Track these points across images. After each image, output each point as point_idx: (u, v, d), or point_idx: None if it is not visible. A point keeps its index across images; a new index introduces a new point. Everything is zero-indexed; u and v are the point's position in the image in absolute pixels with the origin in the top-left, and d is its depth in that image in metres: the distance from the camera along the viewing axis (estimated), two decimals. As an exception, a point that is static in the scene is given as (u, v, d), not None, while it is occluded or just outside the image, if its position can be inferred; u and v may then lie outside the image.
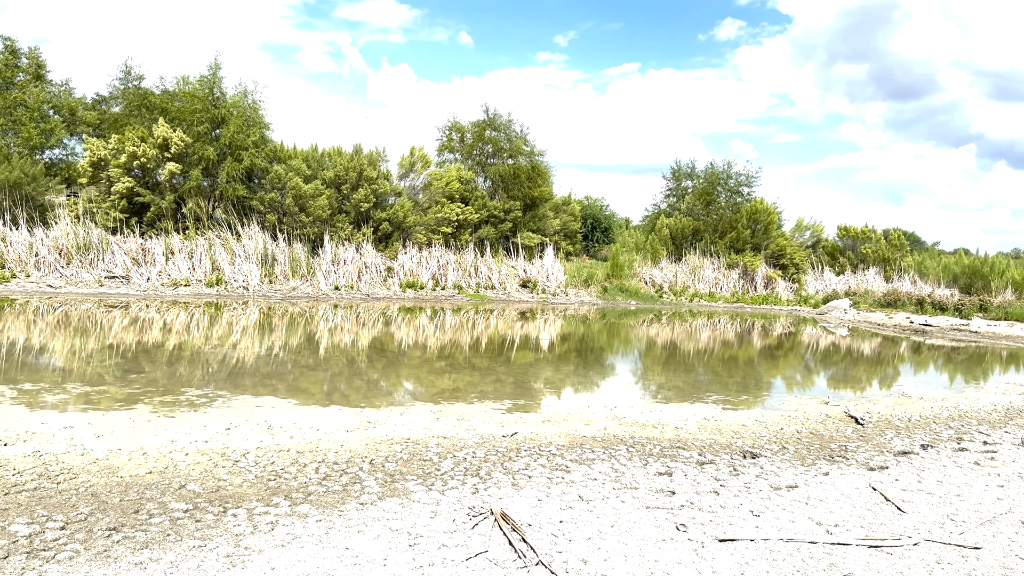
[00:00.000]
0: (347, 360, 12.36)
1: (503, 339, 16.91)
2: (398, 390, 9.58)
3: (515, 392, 9.83)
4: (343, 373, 10.87)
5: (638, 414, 8.54)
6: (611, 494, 5.43)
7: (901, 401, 10.50)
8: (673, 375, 12.60)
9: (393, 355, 13.29)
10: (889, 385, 12.68)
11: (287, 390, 9.08)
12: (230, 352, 12.28)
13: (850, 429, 8.31)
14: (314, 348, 13.58)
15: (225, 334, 14.66)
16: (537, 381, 10.97)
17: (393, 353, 13.54)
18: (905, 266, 35.63)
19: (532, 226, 33.53)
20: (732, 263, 35.41)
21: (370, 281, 27.64)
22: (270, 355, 12.18)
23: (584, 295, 31.62)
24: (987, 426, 8.82)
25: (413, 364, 12.37)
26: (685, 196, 38.06)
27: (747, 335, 21.35)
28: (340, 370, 11.16)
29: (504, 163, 33.09)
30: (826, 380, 12.99)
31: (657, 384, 11.49)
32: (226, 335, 14.51)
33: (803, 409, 9.47)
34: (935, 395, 11.21)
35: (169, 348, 12.27)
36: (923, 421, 8.95)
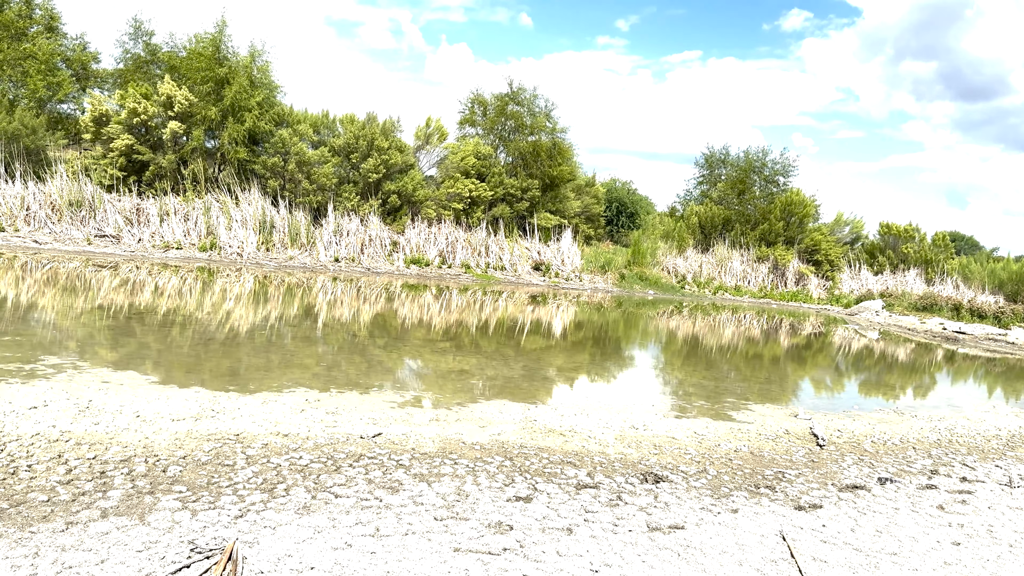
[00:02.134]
0: (274, 337, 11.31)
1: (478, 323, 15.72)
2: (297, 374, 8.47)
3: (431, 383, 8.65)
4: (256, 351, 9.81)
5: (557, 418, 7.28)
6: (424, 526, 4.22)
7: (889, 419, 9.01)
8: (643, 373, 11.28)
9: (339, 334, 12.20)
10: (888, 398, 11.15)
11: (159, 367, 8.03)
12: (152, 319, 11.34)
13: (803, 451, 6.92)
14: (255, 322, 12.57)
15: (174, 301, 13.76)
16: (472, 373, 9.76)
17: (340, 331, 12.46)
18: (948, 269, 33.30)
19: (551, 207, 32.15)
20: (762, 256, 33.54)
21: (373, 255, 26.67)
22: (190, 326, 11.20)
23: (599, 281, 30.20)
24: (977, 456, 7.33)
25: (347, 344, 11.25)
26: (717, 184, 36.17)
27: (760, 333, 19.77)
28: (256, 348, 10.10)
29: (525, 139, 31.70)
30: (816, 389, 11.50)
31: (614, 383, 10.18)
32: (174, 302, 13.60)
33: (763, 422, 8.08)
34: (933, 413, 9.67)
35: (88, 312, 11.37)
36: (901, 446, 7.50)
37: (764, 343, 17.22)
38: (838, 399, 10.44)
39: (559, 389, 9.26)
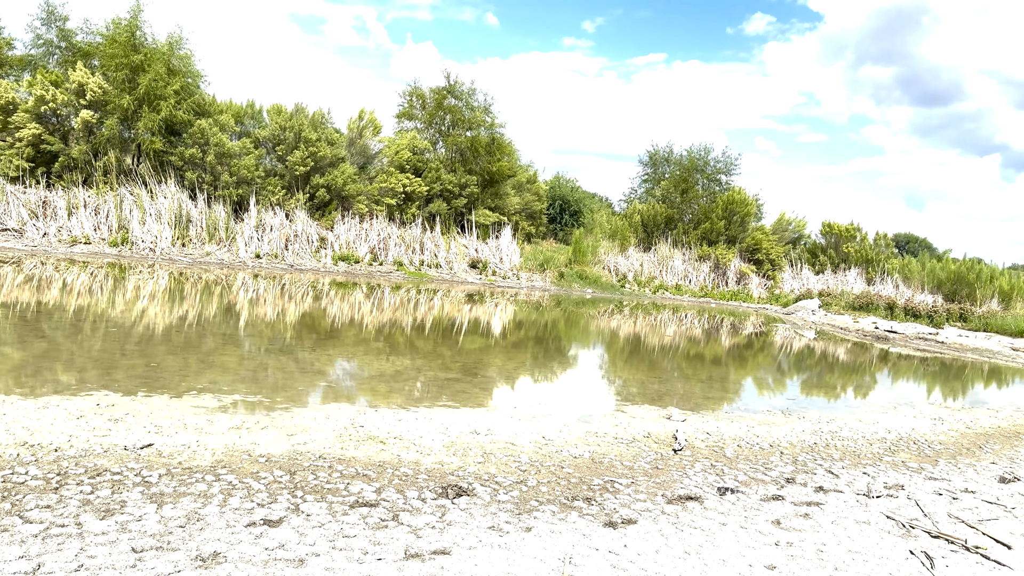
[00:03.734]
0: (139, 338, 10.42)
1: (389, 321, 14.95)
2: (120, 376, 7.63)
3: (274, 387, 7.87)
4: (105, 353, 8.92)
5: (392, 423, 6.55)
6: (109, 560, 3.45)
7: (773, 420, 8.45)
8: (538, 373, 10.60)
9: (215, 333, 11.33)
10: (785, 398, 10.62)
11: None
12: (10, 315, 10.38)
13: (653, 457, 6.28)
14: (127, 320, 11.64)
15: (48, 296, 12.76)
16: (335, 373, 8.99)
17: (218, 330, 11.58)
18: (889, 268, 33.33)
19: (490, 204, 31.45)
20: (703, 255, 33.24)
21: (299, 251, 25.70)
22: (45, 322, 10.27)
23: (538, 280, 29.58)
24: (849, 462, 6.76)
25: (220, 343, 10.40)
26: (661, 183, 35.81)
27: (686, 333, 19.28)
28: (107, 349, 9.21)
29: (463, 134, 30.96)
30: (713, 390, 10.93)
31: (498, 384, 9.46)
32: (49, 297, 12.60)
33: (628, 425, 7.45)
34: (824, 415, 9.14)
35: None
36: (768, 450, 6.91)
37: (685, 344, 16.71)
38: (731, 400, 9.87)
39: (427, 388, 8.54)
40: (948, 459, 7.30)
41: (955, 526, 5.19)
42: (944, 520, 5.31)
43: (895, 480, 6.28)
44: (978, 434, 8.81)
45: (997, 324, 26.23)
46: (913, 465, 6.91)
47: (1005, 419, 10.08)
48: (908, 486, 6.11)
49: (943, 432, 8.69)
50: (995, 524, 5.31)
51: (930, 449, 7.69)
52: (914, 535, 4.91)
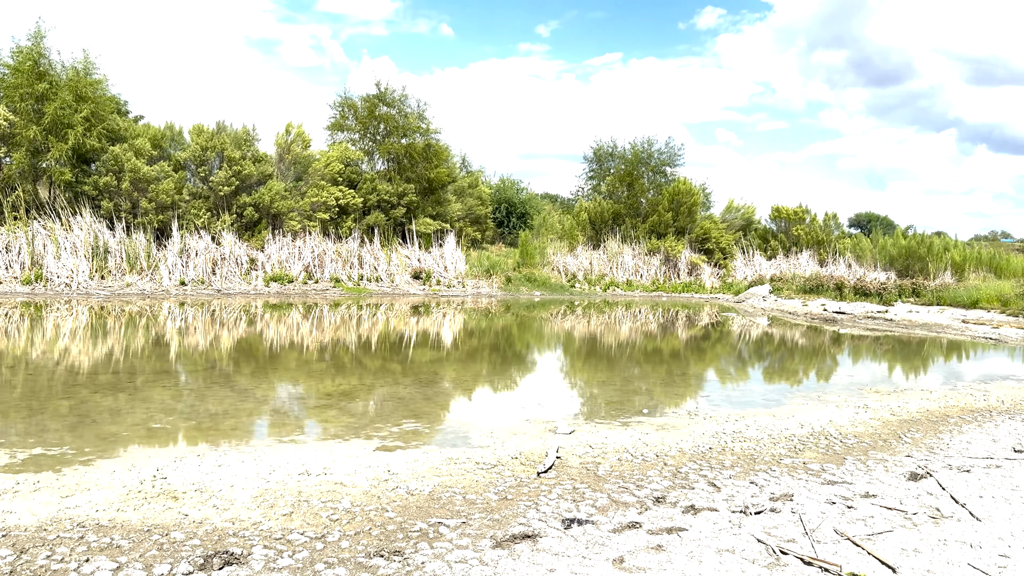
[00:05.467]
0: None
1: (285, 344, 13.99)
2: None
3: (103, 430, 6.91)
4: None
5: (208, 469, 5.63)
6: None
7: (674, 423, 7.64)
8: (427, 391, 9.68)
9: (73, 373, 10.30)
10: (699, 396, 9.84)
11: None
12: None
13: (507, 484, 5.43)
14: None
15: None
16: (181, 411, 8.05)
17: (74, 371, 10.55)
18: (840, 248, 32.94)
19: (431, 211, 30.56)
20: (653, 249, 32.63)
21: (227, 275, 24.59)
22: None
23: (484, 286, 28.74)
24: (740, 469, 5.96)
25: (42, 391, 9.38)
26: (606, 178, 35.18)
27: (626, 330, 18.51)
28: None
29: (398, 142, 30.04)
30: (623, 393, 10.12)
31: (363, 411, 8.54)
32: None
33: (499, 446, 6.59)
34: (735, 413, 8.35)
35: None
36: (651, 463, 6.09)
37: (620, 344, 15.93)
38: (639, 403, 9.05)
39: (285, 421, 7.61)
40: (858, 456, 6.53)
41: (837, 546, 4.38)
42: (828, 538, 4.51)
43: (786, 489, 5.48)
44: (903, 421, 8.08)
45: (950, 297, 25.85)
46: (815, 467, 6.12)
47: (937, 400, 9.38)
48: (799, 495, 5.30)
49: (863, 422, 7.94)
50: (887, 539, 4.51)
51: (841, 445, 6.91)
52: (783, 563, 4.10)
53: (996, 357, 14.78)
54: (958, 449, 6.85)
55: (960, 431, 7.62)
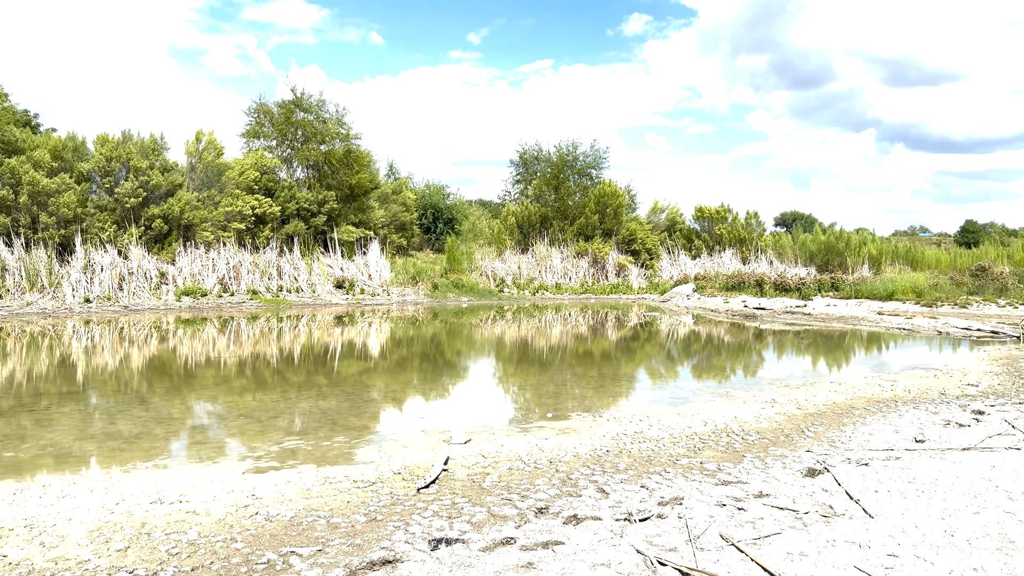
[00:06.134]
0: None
1: (183, 361, 13.23)
2: None
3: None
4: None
5: (49, 500, 5.05)
6: None
7: (576, 427, 7.32)
8: (327, 407, 9.14)
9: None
10: (604, 398, 9.58)
11: None
12: None
13: (381, 503, 4.99)
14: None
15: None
16: (49, 437, 7.36)
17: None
18: (762, 245, 33.51)
19: (354, 219, 29.84)
20: (581, 251, 32.59)
21: (136, 290, 23.42)
22: None
23: (410, 294, 28.17)
24: (633, 472, 5.66)
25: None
26: (533, 182, 35.03)
27: (555, 332, 18.24)
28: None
29: (317, 148, 29.24)
30: (535, 398, 9.78)
31: (255, 430, 7.97)
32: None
33: (384, 460, 6.16)
34: (640, 411, 8.10)
35: None
36: (545, 468, 5.74)
37: (541, 348, 15.64)
38: (544, 408, 8.71)
39: (161, 444, 7.01)
40: (757, 453, 6.32)
41: (720, 553, 4.09)
42: (712, 544, 4.22)
43: (677, 492, 5.19)
44: (808, 415, 7.95)
45: (867, 290, 26.48)
46: (711, 467, 5.87)
47: (844, 392, 9.33)
48: (689, 498, 5.02)
49: (768, 417, 7.77)
50: (774, 542, 4.25)
51: (742, 442, 6.70)
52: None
53: (907, 347, 15.02)
54: (859, 442, 6.71)
55: (864, 423, 7.52)
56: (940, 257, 31.42)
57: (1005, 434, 6.94)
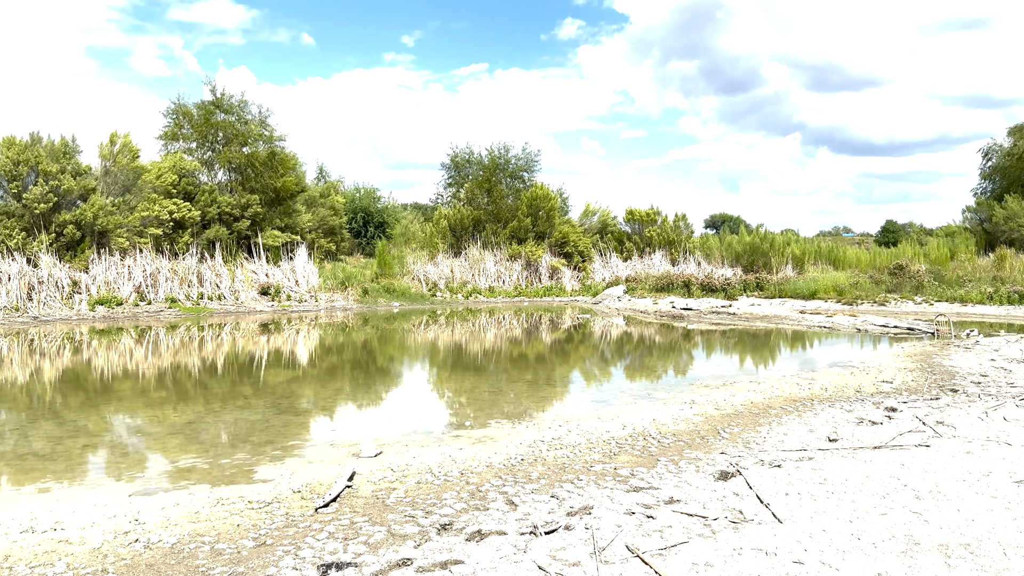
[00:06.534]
0: None
1: (77, 377, 12.52)
2: None
3: None
4: None
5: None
6: None
7: (491, 435, 7.12)
8: (238, 420, 8.70)
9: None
10: (536, 400, 9.42)
11: None
12: None
13: (271, 527, 4.68)
14: None
15: None
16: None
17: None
18: (690, 247, 34.02)
19: (279, 223, 29.03)
20: (514, 254, 32.47)
21: (46, 299, 22.22)
22: None
23: (340, 300, 27.54)
24: (546, 481, 5.48)
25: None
26: (465, 185, 34.78)
27: (487, 337, 18.01)
28: None
29: (239, 151, 28.36)
30: (457, 404, 9.55)
31: (127, 445, 7.50)
32: None
33: (281, 479, 5.84)
34: (562, 415, 7.95)
35: None
36: (455, 480, 5.52)
37: (477, 352, 15.40)
38: (466, 414, 8.49)
39: (30, 467, 6.51)
40: (672, 456, 6.22)
41: (624, 566, 3.93)
42: (617, 556, 4.06)
43: (587, 500, 5.03)
44: (725, 415, 7.92)
45: (791, 289, 27.12)
46: (624, 472, 5.73)
47: (763, 391, 9.37)
48: (599, 507, 4.86)
49: (686, 419, 7.71)
50: (680, 552, 4.11)
51: (658, 445, 6.60)
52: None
53: (826, 345, 15.33)
54: (774, 442, 6.69)
55: (779, 423, 7.52)
56: (860, 256, 32.43)
57: (916, 431, 7.03)
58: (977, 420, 7.38)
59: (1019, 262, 26.91)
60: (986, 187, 37.11)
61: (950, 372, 10.75)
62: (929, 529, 4.37)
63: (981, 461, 5.86)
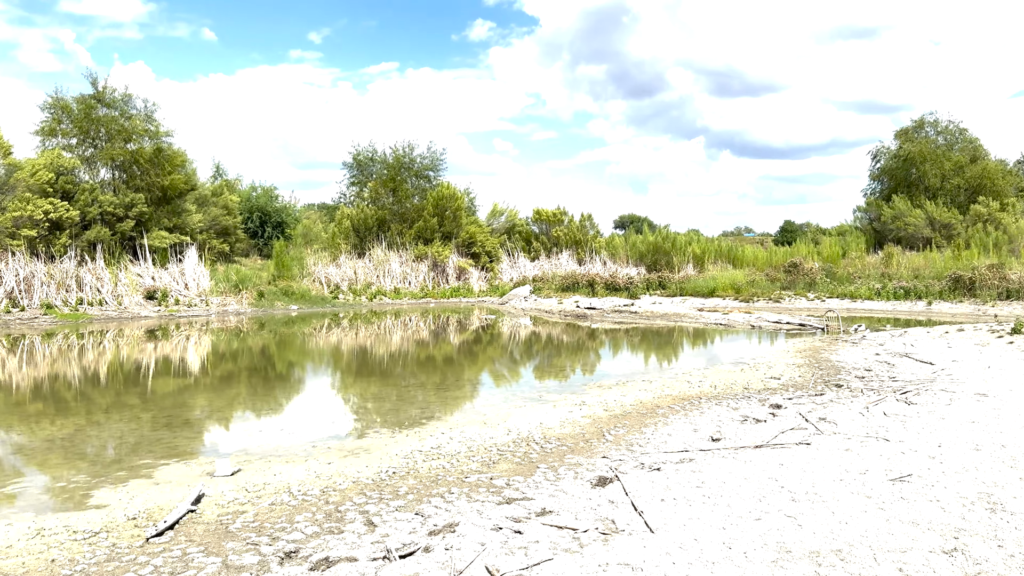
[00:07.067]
0: None
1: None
2: None
3: None
4: None
5: None
6: None
7: (369, 446, 6.67)
8: (48, 437, 7.91)
9: None
10: (420, 405, 9.00)
11: None
12: None
13: (89, 562, 4.11)
14: None
15: None
16: None
17: None
18: (596, 247, 34.26)
19: (167, 223, 27.50)
20: (420, 255, 31.88)
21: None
22: None
23: (233, 303, 26.30)
24: (414, 496, 5.09)
25: None
26: (368, 184, 33.95)
27: (389, 341, 17.41)
28: None
29: (121, 147, 26.71)
30: (338, 414, 9.03)
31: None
32: None
33: (118, 505, 5.23)
34: (447, 422, 7.57)
35: None
36: (315, 500, 5.07)
37: (375, 357, 14.82)
38: (346, 425, 8.00)
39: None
40: (552, 463, 5.93)
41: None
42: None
43: (455, 516, 4.66)
44: (613, 416, 7.72)
45: (691, 287, 27.60)
46: (500, 483, 5.40)
47: (653, 390, 9.25)
48: (464, 523, 4.50)
49: (573, 422, 7.46)
50: (544, 570, 3.80)
51: (540, 451, 6.30)
52: (400, 631, 3.19)
53: (721, 342, 15.51)
54: (657, 444, 6.50)
55: (666, 423, 7.37)
56: (758, 255, 33.40)
57: (798, 428, 6.99)
58: (858, 416, 7.42)
59: (905, 259, 28.28)
60: (875, 188, 38.94)
61: (836, 367, 10.94)
62: (802, 535, 4.21)
63: (859, 459, 5.81)
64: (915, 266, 26.55)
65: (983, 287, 21.58)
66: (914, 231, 32.89)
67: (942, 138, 36.85)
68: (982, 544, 4.02)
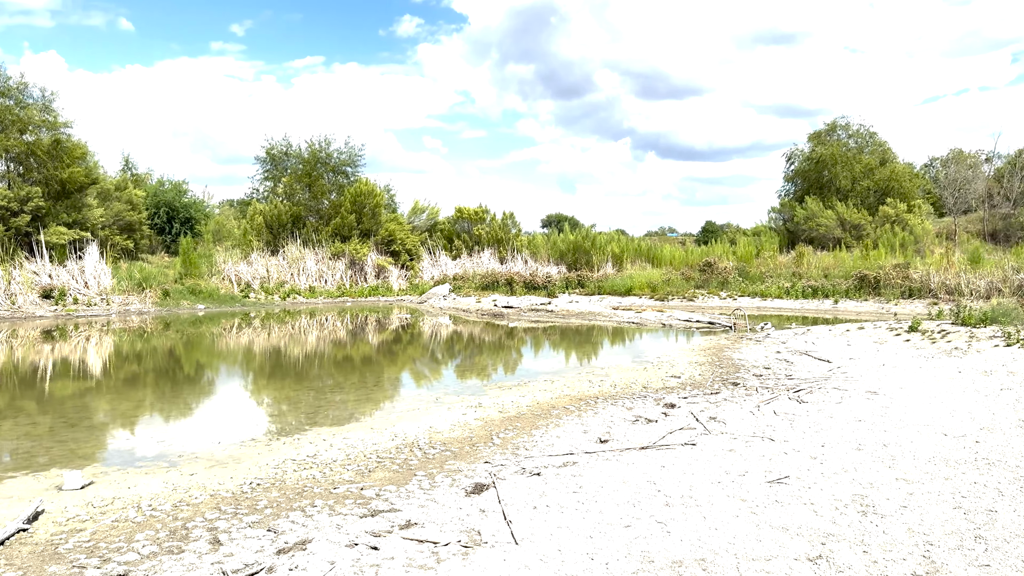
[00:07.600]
0: None
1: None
2: None
3: None
4: None
5: None
6: None
7: (238, 455, 6.27)
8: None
9: None
10: (307, 411, 8.61)
11: None
12: None
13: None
14: None
15: None
16: None
17: None
18: (518, 245, 34.18)
19: (66, 218, 26.04)
20: (337, 252, 31.13)
21: None
22: None
23: (135, 303, 25.10)
24: (271, 511, 4.76)
25: None
26: (283, 179, 32.99)
27: (294, 342, 16.80)
28: None
29: (16, 138, 25.15)
30: (215, 421, 8.56)
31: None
32: None
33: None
34: (325, 430, 7.21)
35: None
36: (162, 516, 4.67)
37: (276, 361, 14.24)
38: (221, 431, 7.54)
39: None
40: (431, 470, 5.67)
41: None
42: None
43: (310, 532, 4.36)
44: (507, 419, 7.51)
45: (609, 286, 27.79)
46: (370, 493, 5.11)
47: (553, 391, 9.10)
48: (318, 541, 4.20)
49: (465, 425, 7.23)
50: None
51: (421, 457, 6.04)
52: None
53: (630, 340, 15.56)
54: (543, 447, 6.32)
55: (557, 424, 7.21)
56: (676, 254, 33.92)
57: (687, 428, 6.92)
58: (748, 415, 7.42)
59: (816, 259, 29.13)
60: (789, 189, 40.10)
61: (736, 365, 11.04)
62: (669, 542, 4.07)
63: (741, 460, 5.76)
64: (825, 265, 27.36)
65: (887, 286, 22.38)
66: (826, 231, 33.97)
67: (853, 141, 38.17)
68: (848, 550, 3.97)
